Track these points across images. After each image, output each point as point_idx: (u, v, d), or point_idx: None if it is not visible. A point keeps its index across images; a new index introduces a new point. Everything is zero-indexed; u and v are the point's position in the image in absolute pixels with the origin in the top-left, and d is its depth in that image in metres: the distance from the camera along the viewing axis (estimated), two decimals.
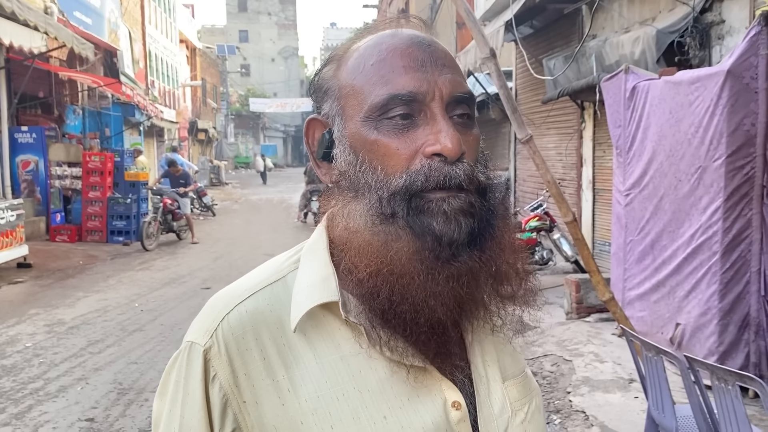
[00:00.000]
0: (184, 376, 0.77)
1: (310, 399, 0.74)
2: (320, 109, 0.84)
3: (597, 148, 8.94)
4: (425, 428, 0.74)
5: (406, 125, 0.75)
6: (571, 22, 9.44)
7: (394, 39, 0.79)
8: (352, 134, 0.78)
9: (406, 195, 0.74)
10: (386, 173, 0.75)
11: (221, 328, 0.76)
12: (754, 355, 4.30)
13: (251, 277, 0.83)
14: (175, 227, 13.06)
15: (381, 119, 0.76)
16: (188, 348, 0.78)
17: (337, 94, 0.81)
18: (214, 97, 39.53)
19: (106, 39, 16.90)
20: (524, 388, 0.86)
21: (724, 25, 6.05)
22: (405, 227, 0.73)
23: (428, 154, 0.74)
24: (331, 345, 0.76)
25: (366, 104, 0.77)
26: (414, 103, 0.75)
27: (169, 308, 7.51)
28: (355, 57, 0.81)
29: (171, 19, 28.32)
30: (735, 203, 4.26)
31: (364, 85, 0.77)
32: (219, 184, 29.78)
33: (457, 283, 0.73)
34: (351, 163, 0.78)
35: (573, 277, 6.83)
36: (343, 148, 0.80)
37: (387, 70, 0.76)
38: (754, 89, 4.12)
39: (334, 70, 0.83)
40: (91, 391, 4.89)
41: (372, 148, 0.76)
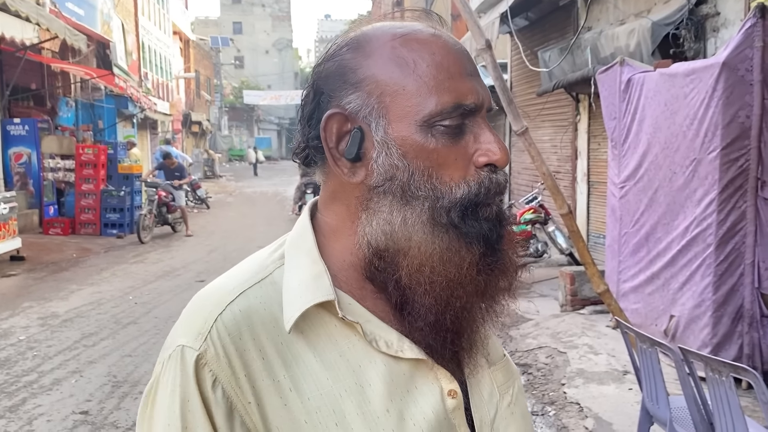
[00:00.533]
0: (180, 383, 0.72)
1: (313, 397, 0.72)
2: (339, 101, 0.77)
3: (592, 141, 8.94)
4: (426, 418, 0.75)
5: (456, 133, 0.75)
6: (566, 14, 9.42)
7: (440, 40, 0.76)
8: (403, 138, 0.74)
9: (465, 205, 0.74)
10: (442, 182, 0.74)
11: (216, 330, 0.72)
12: (747, 346, 4.32)
13: (236, 275, 0.79)
14: (170, 220, 12.99)
15: (435, 125, 0.74)
16: (180, 353, 0.73)
17: (374, 90, 0.75)
18: (207, 90, 39.38)
19: (99, 30, 16.79)
20: (507, 372, 0.88)
21: (719, 18, 6.05)
22: (461, 236, 0.74)
23: (481, 164, 0.75)
24: (328, 342, 0.75)
25: (424, 109, 0.73)
26: (472, 113, 0.76)
27: (164, 301, 7.50)
28: (393, 50, 0.75)
29: (164, 11, 28.16)
30: (729, 195, 4.27)
31: (421, 88, 0.74)
32: (213, 177, 29.71)
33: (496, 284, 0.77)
34: (399, 168, 0.74)
35: (567, 269, 6.84)
36: (387, 151, 0.75)
37: (445, 76, 0.74)
38: (749, 81, 4.12)
39: (359, 60, 0.77)
40: (86, 384, 4.88)
41: (429, 156, 0.74)
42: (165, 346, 0.77)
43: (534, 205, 8.90)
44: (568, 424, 4.13)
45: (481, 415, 0.81)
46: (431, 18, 0.82)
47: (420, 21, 0.81)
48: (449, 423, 0.76)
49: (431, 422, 0.75)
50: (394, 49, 0.76)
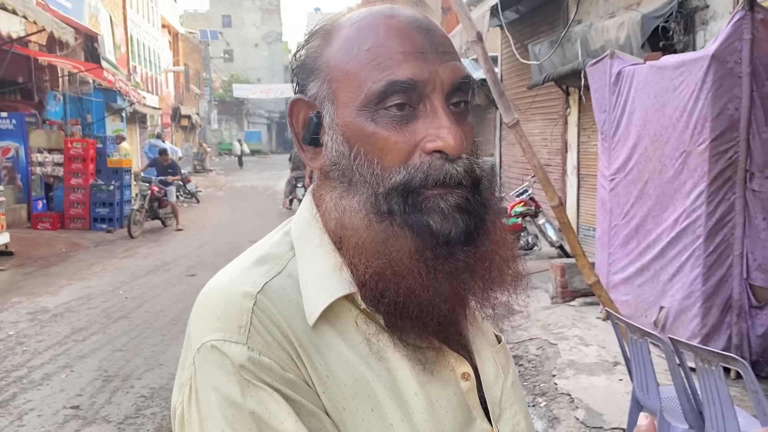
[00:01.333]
0: (226, 381, 0.67)
1: (349, 383, 0.71)
2: (305, 89, 0.78)
3: (582, 134, 8.97)
4: (449, 400, 0.76)
5: (405, 117, 0.71)
6: (556, 7, 9.43)
7: (391, 20, 0.74)
8: (346, 123, 0.74)
9: (403, 191, 0.71)
10: (383, 167, 0.72)
11: (257, 319, 0.70)
12: (736, 337, 4.36)
13: (250, 266, 0.76)
14: (161, 214, 13.01)
15: (378, 109, 0.71)
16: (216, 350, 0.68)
17: (326, 76, 0.76)
18: (197, 83, 39.17)
19: (87, 23, 16.65)
20: (506, 354, 0.90)
21: (708, 10, 6.07)
22: (403, 225, 0.71)
23: (429, 150, 0.71)
24: (354, 330, 0.74)
25: (362, 92, 0.72)
26: (413, 92, 0.71)
27: (154, 295, 7.47)
28: (346, 36, 0.75)
29: (153, 4, 27.95)
30: (718, 187, 4.30)
31: (360, 71, 0.72)
32: (203, 171, 29.58)
33: (457, 280, 0.73)
34: (344, 154, 0.74)
35: (558, 261, 6.87)
36: (334, 136, 0.75)
37: (385, 56, 0.71)
38: (738, 74, 4.14)
39: (322, 47, 0.77)
40: (76, 379, 4.86)
41: (369, 141, 0.72)
42: (191, 346, 0.71)
43: (524, 198, 8.92)
44: (559, 415, 4.16)
45: (492, 396, 0.83)
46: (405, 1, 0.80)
47: (389, 3, 0.79)
48: (465, 404, 0.78)
49: (453, 404, 0.76)
50: (347, 33, 0.75)
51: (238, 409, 0.66)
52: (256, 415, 0.66)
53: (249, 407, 0.66)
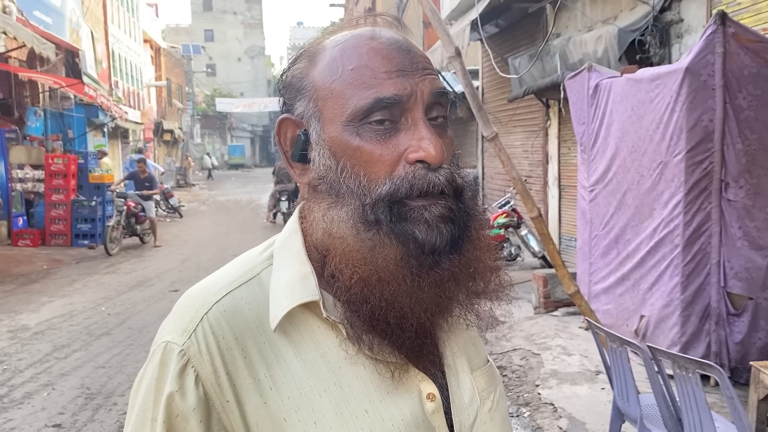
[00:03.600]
0: (157, 377, 0.75)
1: (293, 396, 0.74)
2: (292, 108, 0.82)
3: (562, 145, 9.08)
4: (404, 420, 0.76)
5: (388, 130, 0.75)
6: (535, 21, 9.56)
7: (373, 42, 0.77)
8: (332, 139, 0.77)
9: (389, 202, 0.74)
10: (369, 179, 0.75)
11: (201, 328, 0.75)
12: (714, 344, 4.42)
13: (224, 275, 0.81)
14: (139, 231, 12.69)
15: (363, 124, 0.75)
16: (163, 348, 0.75)
17: (312, 95, 0.79)
18: (179, 98, 39.04)
19: (68, 39, 16.58)
20: (490, 377, 0.89)
21: (682, 24, 6.20)
22: (389, 234, 0.74)
23: (411, 160, 0.74)
24: (311, 342, 0.77)
25: (348, 109, 0.75)
26: (397, 108, 0.75)
27: (137, 311, 7.42)
28: (331, 57, 0.78)
29: (134, 19, 27.89)
30: (695, 197, 4.37)
31: (345, 90, 0.76)
32: (186, 186, 29.43)
33: (441, 288, 0.75)
34: (331, 168, 0.77)
35: (540, 272, 6.93)
36: (321, 151, 0.78)
37: (369, 76, 0.75)
38: (712, 86, 4.24)
39: (307, 68, 0.81)
40: (58, 397, 4.81)
41: (354, 155, 0.75)
42: (154, 342, 0.79)
43: (507, 209, 8.99)
44: (543, 425, 4.19)
45: (461, 420, 0.82)
46: (382, 21, 0.84)
47: (370, 25, 0.83)
48: (429, 425, 0.78)
49: (409, 424, 0.76)
50: (331, 55, 0.79)
51: (149, 406, 0.75)
52: (156, 417, 0.74)
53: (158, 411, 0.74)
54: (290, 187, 15.05)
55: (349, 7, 30.13)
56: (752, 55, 4.20)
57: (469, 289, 0.80)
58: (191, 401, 0.73)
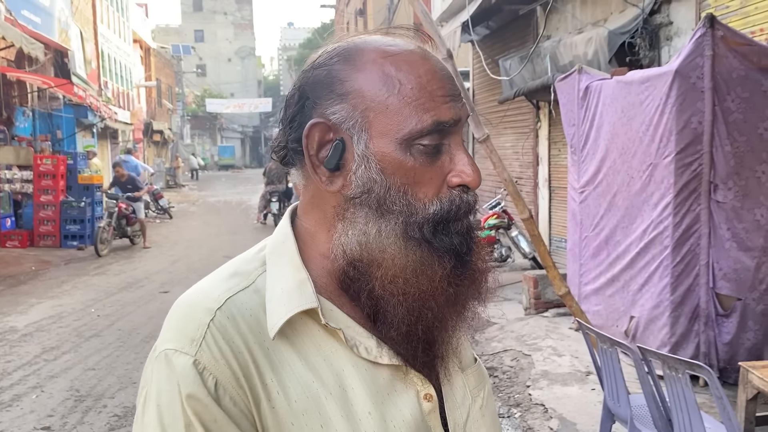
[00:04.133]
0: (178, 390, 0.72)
1: (300, 400, 0.75)
2: (323, 110, 0.79)
3: (552, 147, 9.11)
4: (405, 420, 0.78)
5: (435, 153, 0.78)
6: (526, 23, 9.60)
7: (428, 63, 0.79)
8: (383, 154, 0.77)
9: (435, 222, 0.77)
10: (416, 198, 0.77)
11: (210, 334, 0.74)
12: (703, 345, 4.46)
13: (218, 281, 0.80)
14: (129, 232, 12.63)
15: (414, 144, 0.76)
16: (167, 359, 0.74)
17: (359, 104, 0.77)
18: (169, 98, 38.88)
19: (57, 39, 16.47)
20: (479, 375, 0.91)
21: (672, 27, 6.24)
22: (433, 252, 0.77)
23: (455, 184, 0.78)
24: (312, 346, 0.77)
25: (405, 128, 0.76)
26: (449, 132, 0.78)
27: (127, 313, 7.38)
28: (383, 69, 0.77)
29: (124, 19, 27.74)
30: (684, 199, 4.40)
31: (403, 108, 0.76)
32: (175, 186, 29.30)
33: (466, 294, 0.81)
34: (377, 182, 0.77)
35: (531, 273, 6.95)
36: (366, 165, 0.77)
37: (427, 98, 0.77)
38: (701, 89, 4.27)
39: (348, 72, 0.78)
40: (47, 399, 4.78)
41: (407, 174, 0.77)
42: (153, 354, 0.77)
43: (497, 210, 9.02)
44: (534, 426, 4.20)
45: (455, 418, 0.84)
46: (421, 38, 0.84)
47: (409, 39, 0.82)
48: (426, 425, 0.80)
49: (410, 424, 0.78)
50: (383, 66, 0.78)
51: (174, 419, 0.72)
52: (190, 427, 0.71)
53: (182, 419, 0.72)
54: (281, 188, 15.02)
55: (340, 8, 30.13)
56: (740, 58, 4.23)
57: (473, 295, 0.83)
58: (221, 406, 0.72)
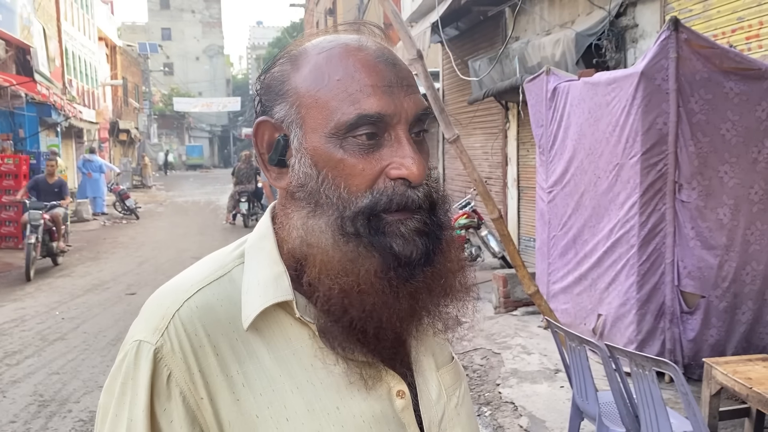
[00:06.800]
0: (132, 376, 0.74)
1: (265, 393, 0.75)
2: (271, 111, 0.80)
3: (521, 147, 9.20)
4: (374, 416, 0.78)
5: (372, 145, 0.76)
6: (494, 24, 9.67)
7: (360, 53, 0.77)
8: (315, 148, 0.77)
9: (368, 215, 0.75)
10: (349, 192, 0.76)
11: (173, 325, 0.75)
12: (669, 341, 4.54)
13: (195, 272, 0.81)
14: (55, 249, 10.31)
15: (347, 137, 0.75)
16: (136, 347, 0.75)
17: (294, 101, 0.78)
18: (136, 97, 38.29)
19: (18, 35, 16.10)
20: (455, 374, 0.92)
21: (637, 29, 6.35)
22: (369, 247, 0.75)
23: (393, 176, 0.76)
24: (282, 340, 0.78)
25: (332, 121, 0.75)
26: (381, 123, 0.75)
27: (93, 315, 7.24)
28: (315, 64, 0.78)
29: (89, 16, 27.24)
30: (650, 198, 4.48)
31: (330, 101, 0.76)
32: (142, 187, 28.87)
33: (415, 299, 0.78)
34: (311, 177, 0.77)
35: (500, 272, 7.01)
36: (302, 159, 0.78)
37: (355, 88, 0.75)
38: (666, 90, 4.34)
39: (289, 72, 0.80)
40: (9, 405, 4.66)
41: (337, 167, 0.76)
42: (125, 341, 0.78)
43: (467, 210, 9.07)
44: (504, 424, 4.23)
45: (430, 416, 0.84)
46: (367, 30, 0.84)
47: (355, 33, 0.82)
48: (399, 422, 0.80)
49: (379, 420, 0.78)
50: (316, 62, 0.78)
51: (126, 407, 0.74)
52: (132, 417, 0.74)
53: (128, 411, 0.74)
54: (250, 188, 14.89)
55: (310, 8, 30.00)
56: (704, 61, 4.32)
57: (440, 299, 0.82)
58: (169, 400, 0.74)
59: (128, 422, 0.73)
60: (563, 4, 7.74)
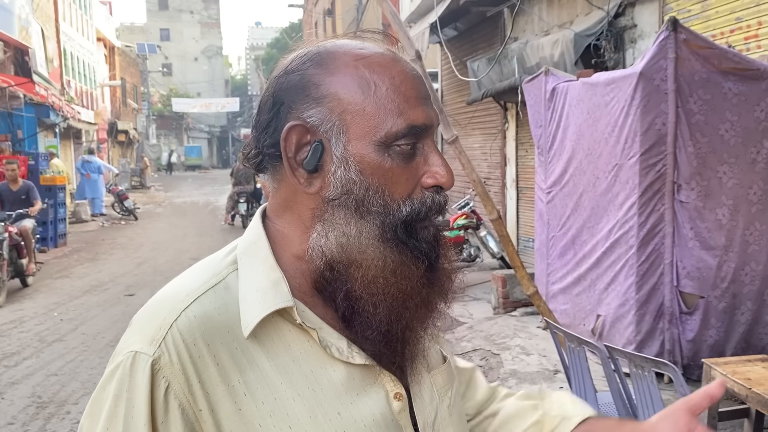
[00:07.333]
0: (127, 389, 0.73)
1: (267, 401, 0.75)
2: (300, 111, 0.79)
3: (520, 148, 9.20)
4: (375, 420, 0.78)
5: (411, 155, 0.79)
6: (493, 24, 9.67)
7: (399, 65, 0.81)
8: (361, 156, 0.78)
9: (409, 222, 0.79)
10: (393, 199, 0.78)
11: (171, 336, 0.74)
12: (668, 342, 4.54)
13: (189, 281, 0.80)
14: (24, 268, 8.86)
15: (392, 146, 0.78)
16: (131, 358, 0.74)
17: (336, 107, 0.78)
18: (134, 98, 38.27)
19: (17, 36, 16.09)
20: (448, 376, 0.92)
21: (636, 29, 6.35)
22: (409, 253, 0.78)
23: (429, 185, 0.80)
24: (282, 347, 0.77)
25: (381, 130, 0.77)
26: (421, 134, 0.79)
27: (91, 317, 7.23)
28: (357, 72, 0.78)
29: (87, 17, 27.22)
30: (649, 199, 4.48)
31: (379, 111, 0.77)
32: (141, 187, 28.85)
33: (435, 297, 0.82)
34: (356, 184, 0.78)
35: (499, 272, 7.00)
36: (345, 166, 0.78)
37: (401, 100, 0.78)
38: (664, 91, 4.34)
39: (322, 75, 0.79)
40: (7, 407, 4.65)
41: (385, 175, 0.78)
42: (116, 352, 0.77)
43: (466, 210, 9.07)
44: None
45: (424, 417, 0.84)
46: (389, 41, 0.86)
47: (379, 43, 0.84)
48: (396, 424, 0.80)
49: (379, 423, 0.78)
50: (357, 69, 0.79)
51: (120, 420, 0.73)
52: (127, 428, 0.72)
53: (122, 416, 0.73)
54: (249, 188, 14.88)
55: (308, 8, 29.99)
56: (702, 61, 4.32)
57: (441, 297, 0.84)
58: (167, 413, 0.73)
59: None
60: (562, 4, 7.74)
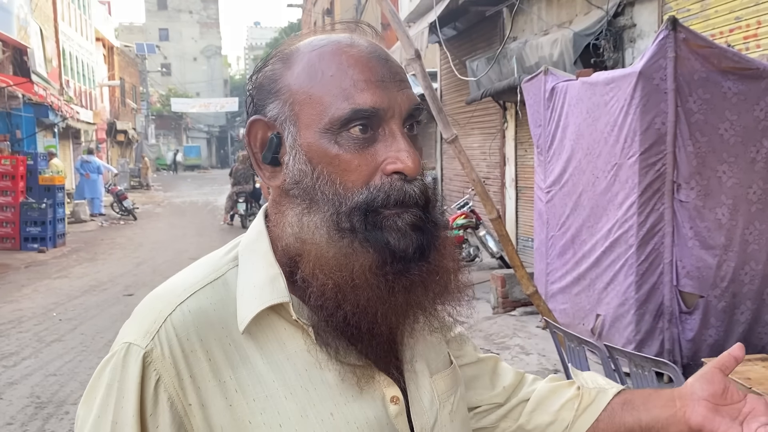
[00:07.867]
0: (119, 379, 0.73)
1: (259, 399, 0.74)
2: (264, 110, 0.80)
3: (519, 147, 9.20)
4: (369, 422, 0.77)
5: (366, 140, 0.75)
6: (492, 24, 9.67)
7: (352, 50, 0.78)
8: (309, 144, 0.76)
9: (365, 210, 0.75)
10: (345, 188, 0.75)
11: (164, 330, 0.74)
12: (668, 341, 4.53)
13: (188, 275, 0.81)
14: None
15: (341, 132, 0.75)
16: (125, 350, 0.74)
17: (288, 98, 0.78)
18: (133, 97, 38.26)
19: (15, 36, 16.07)
20: (452, 380, 0.90)
21: (635, 29, 6.35)
22: (364, 242, 0.74)
23: (389, 171, 0.75)
24: (276, 344, 0.77)
25: (326, 116, 0.75)
26: (375, 118, 0.75)
27: (90, 316, 7.22)
28: (308, 61, 0.78)
29: (86, 16, 27.22)
30: (648, 198, 4.47)
31: (324, 96, 0.76)
32: (140, 187, 28.84)
33: (410, 295, 0.77)
34: (306, 174, 0.76)
35: (499, 272, 7.00)
36: (297, 156, 0.77)
37: (348, 84, 0.75)
38: (664, 90, 4.34)
39: (281, 70, 0.80)
40: (6, 407, 4.64)
41: (332, 162, 0.75)
42: (115, 342, 0.78)
43: (465, 210, 9.07)
44: None
45: (422, 423, 0.82)
46: (358, 29, 0.84)
47: (346, 32, 0.83)
48: (392, 428, 0.79)
49: (373, 426, 0.77)
50: (309, 60, 0.78)
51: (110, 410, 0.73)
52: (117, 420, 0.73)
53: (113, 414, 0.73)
54: (248, 188, 14.87)
55: (307, 8, 29.99)
56: (702, 60, 4.31)
57: (435, 296, 0.80)
58: (156, 405, 0.73)
59: (112, 425, 0.72)
60: (561, 3, 7.74)
